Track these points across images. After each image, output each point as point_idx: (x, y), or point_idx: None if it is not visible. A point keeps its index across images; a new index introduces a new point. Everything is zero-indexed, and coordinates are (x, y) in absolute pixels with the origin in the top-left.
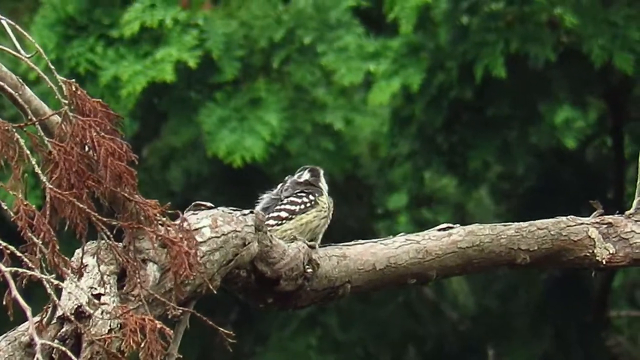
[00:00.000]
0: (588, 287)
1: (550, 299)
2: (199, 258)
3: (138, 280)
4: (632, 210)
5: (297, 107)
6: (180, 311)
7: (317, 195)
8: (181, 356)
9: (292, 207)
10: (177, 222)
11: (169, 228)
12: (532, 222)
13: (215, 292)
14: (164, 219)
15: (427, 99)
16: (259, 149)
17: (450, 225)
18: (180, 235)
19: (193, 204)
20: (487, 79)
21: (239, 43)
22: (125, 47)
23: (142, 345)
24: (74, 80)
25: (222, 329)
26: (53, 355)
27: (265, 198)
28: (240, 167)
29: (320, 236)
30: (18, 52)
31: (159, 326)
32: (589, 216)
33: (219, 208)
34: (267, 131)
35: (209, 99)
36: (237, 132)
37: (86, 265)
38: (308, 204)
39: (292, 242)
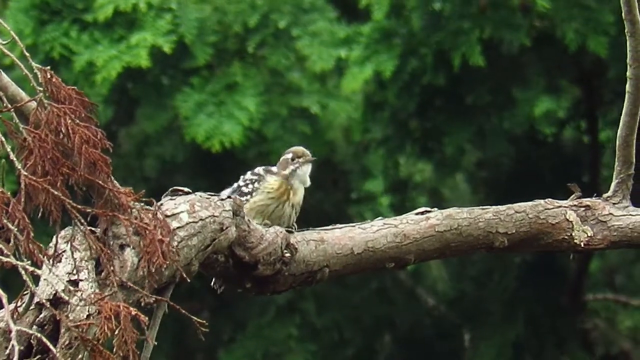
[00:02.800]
0: (563, 271)
1: (524, 283)
2: (176, 243)
3: (112, 267)
4: (610, 193)
5: (272, 92)
6: (154, 299)
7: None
8: (156, 342)
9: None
10: (152, 209)
11: (142, 215)
12: (509, 205)
13: (189, 280)
14: (138, 206)
15: (400, 84)
16: (238, 133)
17: (428, 209)
18: (154, 223)
19: (170, 189)
20: (462, 65)
21: (212, 28)
22: (100, 32)
23: (116, 332)
24: (49, 67)
25: (195, 318)
26: (32, 341)
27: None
28: (216, 153)
29: (283, 220)
30: None
31: (133, 313)
32: (564, 200)
33: (196, 193)
34: (245, 116)
35: (183, 84)
36: (215, 117)
37: (64, 252)
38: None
39: (271, 227)
